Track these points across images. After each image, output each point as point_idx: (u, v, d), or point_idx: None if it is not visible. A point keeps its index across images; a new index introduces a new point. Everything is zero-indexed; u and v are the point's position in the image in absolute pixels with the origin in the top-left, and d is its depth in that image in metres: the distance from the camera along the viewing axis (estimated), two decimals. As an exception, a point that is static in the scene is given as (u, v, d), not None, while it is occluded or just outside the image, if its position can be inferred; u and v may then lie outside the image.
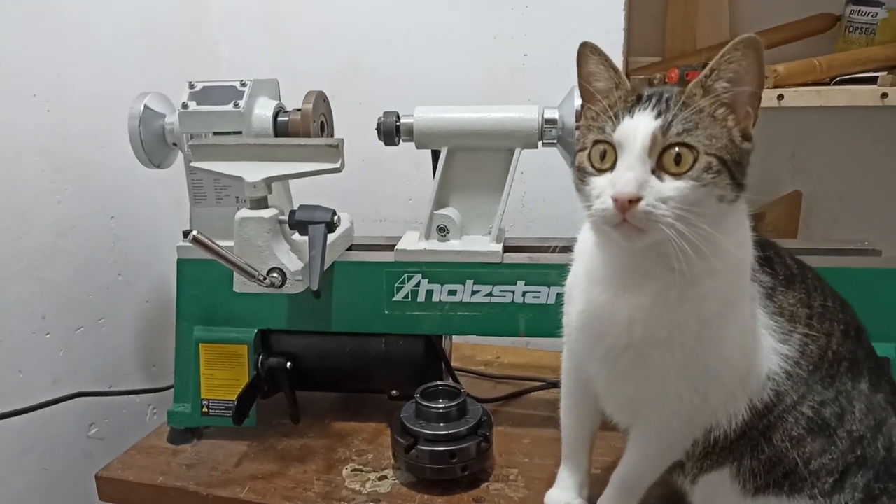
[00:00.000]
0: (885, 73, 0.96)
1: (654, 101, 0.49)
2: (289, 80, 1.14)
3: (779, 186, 1.26)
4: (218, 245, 0.65)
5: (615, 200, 0.46)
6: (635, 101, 0.50)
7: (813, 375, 0.55)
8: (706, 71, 0.49)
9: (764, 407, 0.55)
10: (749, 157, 0.50)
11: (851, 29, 1.09)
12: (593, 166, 0.50)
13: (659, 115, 0.48)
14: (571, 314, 0.60)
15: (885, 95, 0.92)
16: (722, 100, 0.48)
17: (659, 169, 0.47)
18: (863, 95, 0.94)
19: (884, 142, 1.20)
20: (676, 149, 0.47)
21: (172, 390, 0.88)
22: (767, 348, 0.55)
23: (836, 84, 0.99)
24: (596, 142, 0.50)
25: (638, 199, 0.46)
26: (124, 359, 1.02)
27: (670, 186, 0.46)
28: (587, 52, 0.52)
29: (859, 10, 1.07)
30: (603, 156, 0.49)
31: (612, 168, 0.49)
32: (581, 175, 0.51)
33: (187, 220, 0.88)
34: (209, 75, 1.17)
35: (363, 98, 1.13)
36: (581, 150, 0.52)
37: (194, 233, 0.64)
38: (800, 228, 1.27)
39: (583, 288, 0.57)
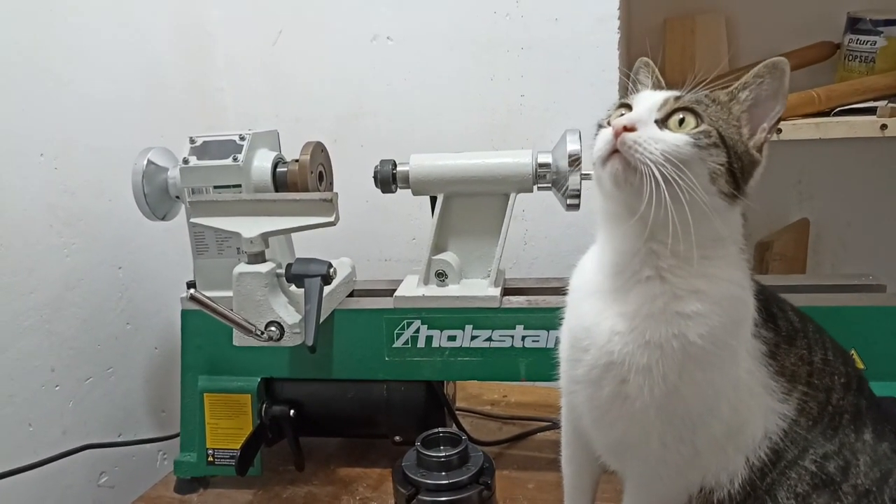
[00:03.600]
0: (884, 104, 0.95)
1: (684, 90, 0.52)
2: (292, 125, 1.18)
3: (786, 214, 1.26)
4: (215, 302, 0.66)
5: (614, 128, 0.49)
6: (664, 87, 0.55)
7: (812, 431, 0.54)
8: (737, 83, 0.52)
9: (763, 465, 0.54)
10: (754, 168, 0.52)
11: (851, 57, 1.09)
12: (609, 123, 0.52)
13: (682, 94, 0.51)
14: (564, 340, 0.60)
15: (884, 127, 0.91)
16: (742, 106, 0.51)
17: (663, 125, 0.49)
18: (862, 127, 0.93)
19: (890, 166, 1.19)
20: (681, 113, 0.49)
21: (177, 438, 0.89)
22: (765, 407, 0.54)
23: (835, 115, 0.99)
24: (619, 105, 0.54)
25: (633, 129, 0.48)
26: (134, 406, 1.03)
27: (666, 134, 0.48)
28: (642, 65, 0.60)
29: (858, 39, 1.07)
30: (620, 115, 0.52)
31: None
32: (596, 132, 0.53)
33: (192, 268, 0.90)
34: (213, 121, 1.21)
35: (365, 141, 1.15)
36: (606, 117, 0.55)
37: (192, 291, 0.65)
38: (809, 255, 1.26)
39: (576, 305, 0.58)
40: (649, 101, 0.51)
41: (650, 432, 0.54)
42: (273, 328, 0.71)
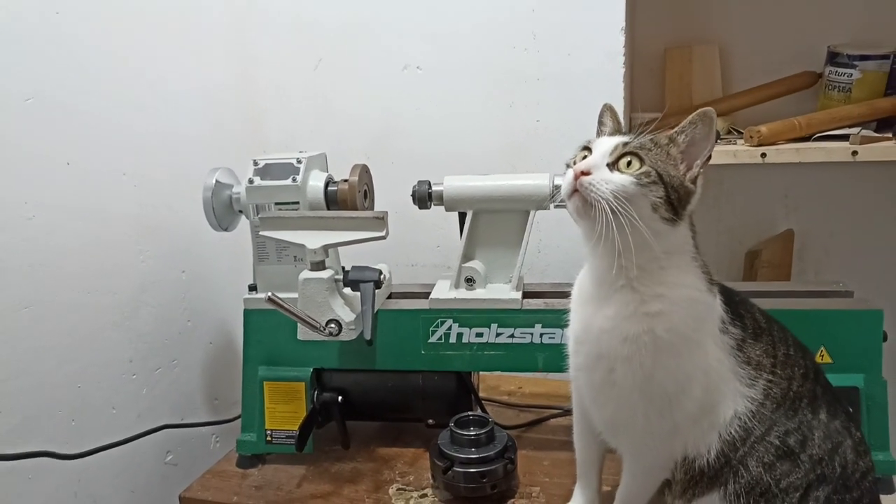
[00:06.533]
0: (857, 131, 1.09)
1: (632, 135, 0.65)
2: (329, 143, 1.30)
3: (773, 225, 1.39)
4: (288, 304, 0.80)
5: (573, 172, 0.62)
6: (621, 133, 0.68)
7: (776, 412, 0.67)
8: (676, 129, 0.65)
9: (734, 440, 0.67)
10: (690, 196, 0.64)
11: (830, 87, 1.22)
12: (573, 163, 0.65)
13: (629, 140, 0.64)
14: (570, 337, 0.74)
15: (855, 153, 1.04)
16: (679, 147, 0.64)
17: (613, 167, 0.62)
18: (836, 152, 1.06)
19: (865, 185, 1.32)
20: (629, 157, 0.62)
21: (237, 421, 1.02)
22: (734, 391, 0.67)
23: (814, 140, 1.12)
24: (583, 148, 0.67)
25: (588, 173, 0.61)
26: (193, 394, 1.17)
27: (615, 176, 0.61)
28: (606, 109, 0.73)
29: (837, 71, 1.20)
30: (583, 159, 0.65)
31: None
32: (565, 171, 0.66)
33: (243, 271, 1.03)
34: (259, 139, 1.34)
35: (396, 159, 1.28)
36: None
37: (269, 294, 0.78)
38: (794, 263, 1.39)
39: (576, 310, 0.73)
40: (604, 146, 0.64)
41: (636, 410, 0.68)
42: (333, 325, 0.84)
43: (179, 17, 1.13)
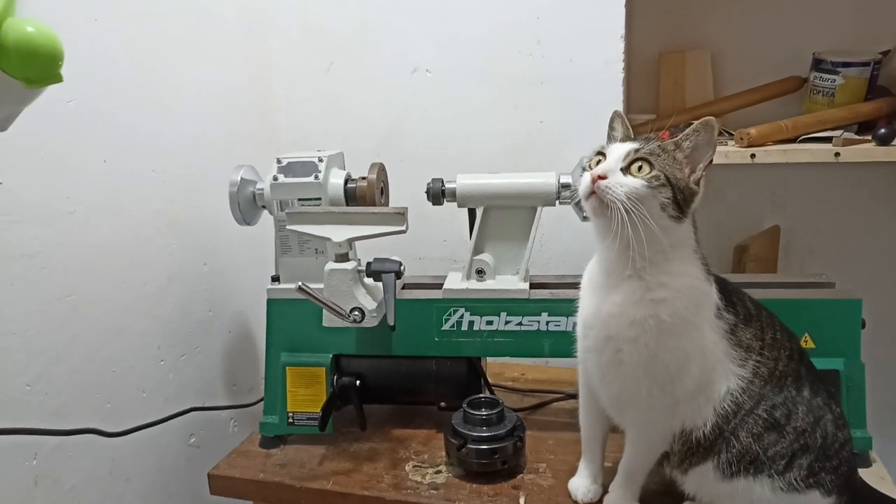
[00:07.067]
0: (839, 133, 1.16)
1: (641, 140, 0.72)
2: (341, 143, 1.36)
3: (761, 222, 1.46)
4: (317, 293, 0.86)
5: (591, 176, 0.69)
6: (630, 138, 0.74)
7: (764, 389, 0.75)
8: (681, 136, 0.72)
9: (727, 413, 0.74)
10: (694, 197, 0.71)
11: (815, 91, 1.30)
12: (589, 167, 0.72)
13: (640, 146, 0.71)
14: (579, 321, 0.81)
15: (838, 154, 1.12)
16: (685, 153, 0.71)
17: (626, 172, 0.68)
18: (820, 154, 1.14)
19: (847, 184, 1.40)
20: (640, 162, 0.69)
21: (256, 406, 1.08)
22: (727, 370, 0.75)
23: (800, 142, 1.20)
24: (597, 153, 0.74)
25: (604, 177, 0.68)
26: (213, 380, 1.22)
27: (628, 179, 0.68)
28: (616, 116, 0.78)
29: (821, 77, 1.28)
30: (597, 163, 0.72)
31: None
32: (581, 173, 0.74)
33: (259, 264, 1.08)
34: (272, 136, 1.40)
35: (405, 157, 1.34)
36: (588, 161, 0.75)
37: (300, 284, 0.84)
38: (780, 258, 1.46)
39: (585, 297, 0.80)
40: (616, 152, 0.71)
41: (640, 387, 0.75)
42: (356, 313, 0.90)
43: (198, 25, 1.18)
